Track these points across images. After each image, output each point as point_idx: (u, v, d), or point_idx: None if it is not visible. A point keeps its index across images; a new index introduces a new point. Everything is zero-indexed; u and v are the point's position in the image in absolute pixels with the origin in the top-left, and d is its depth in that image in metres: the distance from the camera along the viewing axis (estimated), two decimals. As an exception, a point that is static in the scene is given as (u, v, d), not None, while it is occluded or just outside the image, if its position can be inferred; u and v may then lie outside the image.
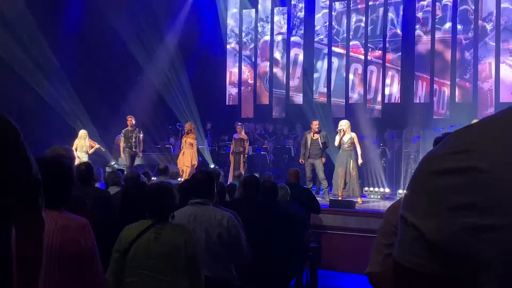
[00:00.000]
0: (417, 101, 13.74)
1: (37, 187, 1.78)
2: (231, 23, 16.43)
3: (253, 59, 16.22)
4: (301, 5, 15.66)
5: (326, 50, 15.18)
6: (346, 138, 9.40)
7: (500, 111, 0.77)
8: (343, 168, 9.38)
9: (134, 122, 11.33)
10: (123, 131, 11.38)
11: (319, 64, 15.35)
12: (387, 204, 9.50)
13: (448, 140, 0.77)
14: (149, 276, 2.96)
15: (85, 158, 10.13)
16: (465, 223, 0.70)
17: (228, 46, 16.41)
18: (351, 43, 14.91)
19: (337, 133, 9.51)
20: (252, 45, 16.24)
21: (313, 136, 9.95)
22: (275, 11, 15.98)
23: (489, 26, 13.18)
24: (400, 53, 14.23)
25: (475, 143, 0.73)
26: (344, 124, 9.49)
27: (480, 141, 0.73)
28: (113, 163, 11.96)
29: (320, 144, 9.89)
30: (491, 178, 0.69)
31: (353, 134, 9.53)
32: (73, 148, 10.55)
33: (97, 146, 11.26)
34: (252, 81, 16.17)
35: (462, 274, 0.72)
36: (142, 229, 3.03)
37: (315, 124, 10.09)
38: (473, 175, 0.71)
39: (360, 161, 9.56)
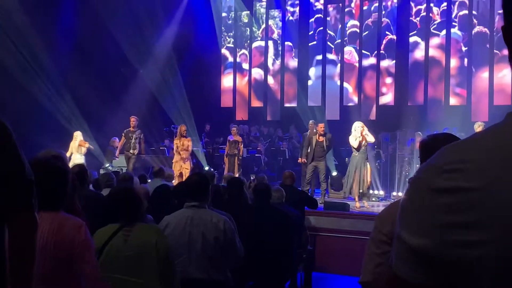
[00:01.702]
0: (411, 104, 13.78)
1: (30, 186, 1.76)
2: (225, 25, 16.41)
3: (247, 62, 16.21)
4: (293, 9, 15.62)
5: (320, 57, 15.12)
6: (363, 141, 9.09)
7: (491, 126, 0.78)
8: (358, 171, 9.08)
9: (135, 123, 11.27)
10: (124, 131, 11.31)
11: (313, 70, 15.28)
12: (381, 206, 9.53)
13: (441, 155, 0.78)
14: (121, 279, 2.93)
15: (78, 160, 10.00)
16: (457, 240, 0.72)
17: (222, 50, 16.39)
18: (345, 48, 14.88)
19: (355, 135, 9.09)
20: (246, 48, 16.22)
21: (319, 138, 9.92)
22: (269, 14, 15.93)
23: (487, 31, 13.24)
24: (395, 57, 14.22)
25: (467, 161, 0.74)
26: (360, 126, 9.12)
27: (472, 159, 0.74)
28: (107, 165, 11.91)
29: (325, 147, 9.89)
30: (482, 195, 0.71)
31: (367, 133, 9.14)
32: (69, 150, 10.48)
33: (86, 145, 10.93)
34: (247, 84, 16.16)
35: (453, 287, 0.74)
36: (110, 233, 3.02)
37: (320, 127, 10.00)
38: (464, 194, 0.72)
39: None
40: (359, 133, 9.03)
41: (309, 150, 9.94)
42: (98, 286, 2.47)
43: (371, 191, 10.40)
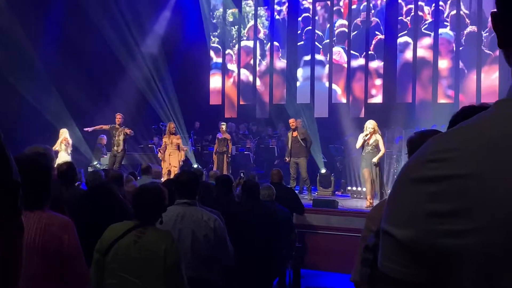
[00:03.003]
0: (400, 101, 13.82)
1: (17, 190, 1.73)
2: (211, 24, 16.29)
3: (232, 62, 16.13)
4: (280, 7, 15.55)
5: (308, 57, 15.05)
6: (371, 140, 8.71)
7: (477, 116, 0.77)
8: (368, 169, 8.70)
9: (120, 120, 11.17)
10: (110, 126, 11.19)
11: (300, 71, 15.19)
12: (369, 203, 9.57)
13: (426, 147, 0.77)
14: (128, 280, 2.88)
15: (64, 158, 9.85)
16: (443, 229, 0.71)
17: (211, 52, 16.30)
18: (334, 49, 14.80)
19: (366, 134, 8.71)
20: (232, 48, 16.15)
21: (293, 133, 9.98)
22: (258, 12, 15.86)
23: (475, 29, 13.31)
24: (384, 58, 14.19)
25: (452, 150, 0.73)
26: (371, 126, 8.72)
27: (457, 147, 0.73)
28: (95, 163, 11.85)
29: (300, 141, 9.87)
30: (468, 183, 0.70)
31: (378, 136, 8.81)
32: (55, 146, 10.39)
33: (64, 142, 10.69)
34: (233, 84, 16.10)
35: (442, 279, 0.73)
36: (123, 230, 2.94)
37: (290, 122, 10.13)
38: (449, 182, 0.71)
39: (376, 160, 8.68)
40: (366, 132, 8.70)
41: (288, 148, 10.04)
42: (84, 284, 2.46)
43: (354, 188, 10.46)
